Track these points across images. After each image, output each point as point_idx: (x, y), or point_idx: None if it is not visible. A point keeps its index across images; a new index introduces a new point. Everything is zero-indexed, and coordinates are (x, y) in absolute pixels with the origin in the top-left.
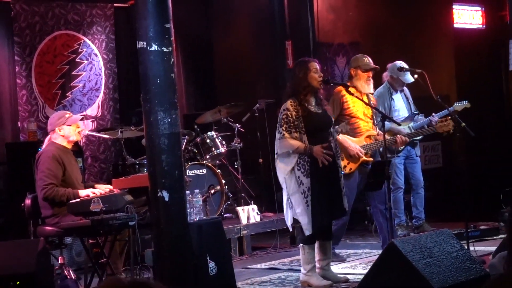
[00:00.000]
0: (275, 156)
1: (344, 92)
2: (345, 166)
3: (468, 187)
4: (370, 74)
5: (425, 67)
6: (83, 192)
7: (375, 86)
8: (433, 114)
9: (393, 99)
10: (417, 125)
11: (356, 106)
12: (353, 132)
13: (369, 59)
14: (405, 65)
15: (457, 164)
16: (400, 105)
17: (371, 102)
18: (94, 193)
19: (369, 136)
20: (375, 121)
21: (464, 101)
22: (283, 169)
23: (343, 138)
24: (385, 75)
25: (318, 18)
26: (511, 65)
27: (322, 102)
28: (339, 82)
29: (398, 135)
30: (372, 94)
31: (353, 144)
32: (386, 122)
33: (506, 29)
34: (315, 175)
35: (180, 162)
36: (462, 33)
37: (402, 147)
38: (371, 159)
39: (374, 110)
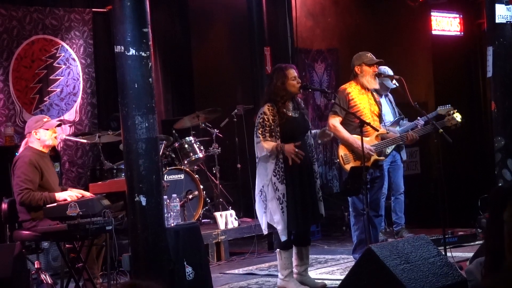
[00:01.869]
0: (257, 160)
1: (348, 89)
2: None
3: (445, 193)
4: (376, 68)
5: (403, 74)
6: (60, 196)
7: None
8: (419, 118)
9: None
10: (402, 129)
11: (363, 104)
12: (360, 131)
13: (372, 54)
14: (388, 71)
15: (435, 170)
16: (386, 110)
17: (376, 100)
18: (71, 196)
19: (378, 135)
20: (383, 119)
21: (448, 105)
22: (262, 175)
23: (353, 139)
24: None
25: (296, 25)
26: (489, 72)
27: (299, 105)
28: (318, 88)
29: (408, 132)
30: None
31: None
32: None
33: (484, 36)
34: (290, 181)
35: (157, 167)
36: (440, 40)
37: (389, 150)
38: (383, 157)
39: (380, 108)
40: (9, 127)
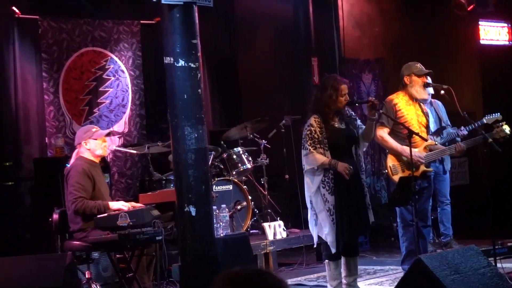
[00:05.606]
0: (304, 172)
1: (395, 100)
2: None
3: (495, 204)
4: (425, 79)
5: (451, 83)
6: (113, 204)
7: None
8: (462, 127)
9: None
10: (444, 140)
11: (410, 114)
12: (408, 142)
13: (421, 65)
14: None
15: (484, 180)
16: (430, 118)
17: (424, 111)
18: (124, 205)
19: (426, 147)
20: (430, 130)
21: (496, 114)
22: (309, 187)
23: (401, 148)
24: None
25: (343, 35)
26: None
27: (344, 116)
28: (364, 101)
29: (457, 143)
30: (426, 100)
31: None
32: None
33: None
34: (339, 192)
35: (206, 177)
36: (488, 49)
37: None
38: (430, 169)
39: (427, 119)
40: (59, 139)
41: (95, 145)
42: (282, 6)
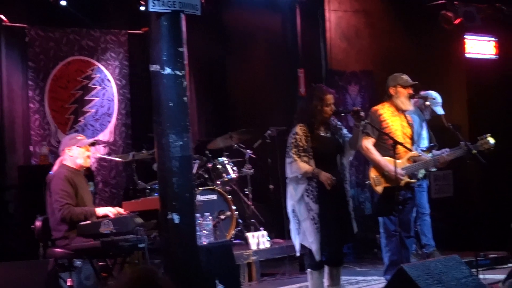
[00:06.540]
0: (287, 180)
1: (381, 111)
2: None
3: (478, 216)
4: (411, 90)
5: None
6: (100, 210)
7: None
8: (447, 149)
9: (422, 126)
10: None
11: (395, 125)
12: (393, 153)
13: (407, 76)
14: (437, 98)
15: (468, 193)
16: (425, 135)
17: (408, 122)
18: (111, 211)
19: (410, 158)
20: (415, 141)
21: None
22: (292, 196)
23: (384, 162)
24: (416, 101)
25: (330, 47)
26: None
27: (330, 125)
28: (348, 110)
29: (441, 155)
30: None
31: (393, 167)
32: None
33: None
34: (323, 201)
35: (191, 185)
36: (474, 63)
37: (421, 175)
38: (414, 180)
39: (413, 130)
40: (44, 147)
41: (78, 153)
42: (270, 17)
